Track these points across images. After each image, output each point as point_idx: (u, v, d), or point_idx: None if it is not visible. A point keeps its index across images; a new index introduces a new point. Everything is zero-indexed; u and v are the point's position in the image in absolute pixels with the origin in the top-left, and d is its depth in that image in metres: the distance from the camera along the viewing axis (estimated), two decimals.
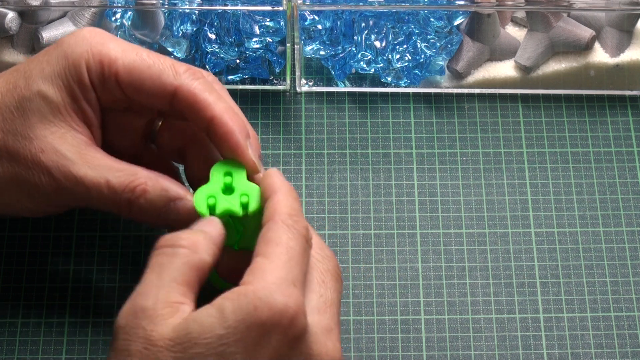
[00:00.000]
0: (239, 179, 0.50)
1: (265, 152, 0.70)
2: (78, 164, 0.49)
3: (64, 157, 0.48)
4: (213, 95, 0.50)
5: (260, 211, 0.50)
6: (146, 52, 0.50)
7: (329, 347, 0.46)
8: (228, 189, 0.50)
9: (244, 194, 0.50)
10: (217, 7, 0.67)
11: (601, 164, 0.70)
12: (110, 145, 0.54)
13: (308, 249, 0.48)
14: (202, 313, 0.44)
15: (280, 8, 0.66)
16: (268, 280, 0.44)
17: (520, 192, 0.69)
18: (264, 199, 0.50)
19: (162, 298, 0.45)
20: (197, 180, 0.54)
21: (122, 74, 0.49)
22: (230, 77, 0.71)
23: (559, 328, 0.64)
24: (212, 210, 0.49)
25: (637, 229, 0.68)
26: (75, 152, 0.49)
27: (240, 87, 0.72)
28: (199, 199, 0.49)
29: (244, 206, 0.50)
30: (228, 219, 0.51)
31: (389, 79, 0.71)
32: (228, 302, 0.44)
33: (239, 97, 0.72)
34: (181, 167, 0.62)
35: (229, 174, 0.50)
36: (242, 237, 0.52)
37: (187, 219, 0.49)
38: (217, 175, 0.50)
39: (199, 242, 0.47)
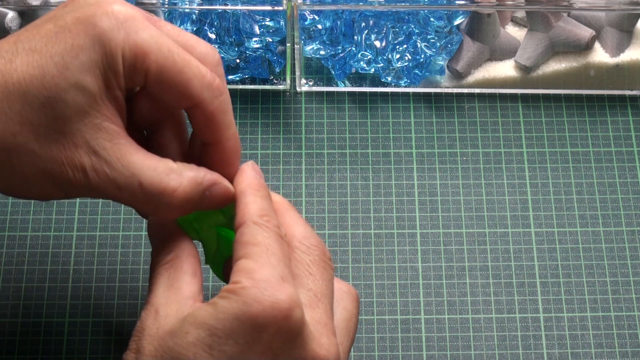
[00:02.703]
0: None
1: (265, 152, 0.70)
2: (110, 163, 0.46)
3: (98, 154, 0.46)
4: (227, 118, 0.49)
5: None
6: (177, 49, 0.47)
7: (323, 343, 0.45)
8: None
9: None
10: (217, 7, 0.67)
11: (601, 163, 0.70)
12: None
13: (285, 245, 0.47)
14: (197, 309, 0.44)
15: (280, 8, 0.66)
16: (257, 278, 0.44)
17: (520, 191, 0.69)
18: (235, 200, 0.49)
19: (156, 302, 0.46)
20: (164, 150, 0.52)
21: (153, 72, 0.47)
22: (230, 77, 0.71)
23: (559, 328, 0.64)
24: (198, 230, 0.51)
25: (637, 229, 0.68)
26: (108, 148, 0.46)
27: (240, 87, 0.72)
28: (184, 222, 0.50)
29: (225, 211, 0.50)
30: (222, 232, 0.51)
31: (389, 78, 0.71)
32: (222, 300, 0.44)
33: (239, 97, 0.72)
34: None
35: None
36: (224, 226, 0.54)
37: (223, 202, 0.49)
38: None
39: (192, 251, 0.48)
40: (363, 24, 0.69)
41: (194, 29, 0.69)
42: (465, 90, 0.72)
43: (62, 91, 0.45)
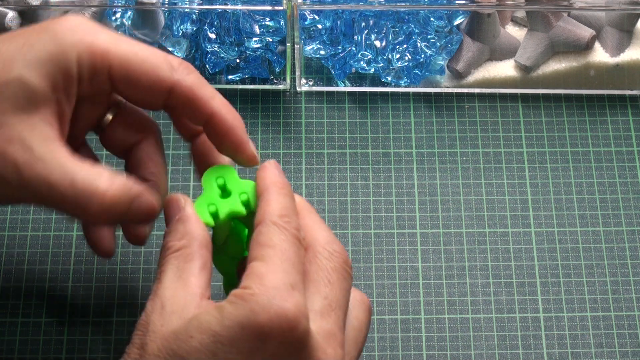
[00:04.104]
0: (232, 180, 0.49)
1: (265, 152, 0.70)
2: (44, 160, 0.45)
3: (31, 150, 0.45)
4: (209, 90, 0.48)
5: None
6: (138, 44, 0.47)
7: (329, 354, 0.44)
8: (224, 193, 0.49)
9: (242, 192, 0.49)
10: (217, 7, 0.67)
11: (601, 163, 0.70)
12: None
13: (302, 249, 0.46)
14: (203, 312, 0.43)
15: (281, 8, 0.66)
16: (267, 284, 0.43)
17: (520, 191, 0.69)
18: (257, 196, 0.48)
19: (166, 295, 0.45)
20: (140, 178, 0.52)
21: (116, 68, 0.46)
22: (230, 77, 0.71)
23: (559, 327, 0.64)
24: (215, 217, 0.48)
25: (637, 229, 0.68)
26: (43, 147, 0.45)
27: (240, 86, 0.72)
28: (200, 209, 0.48)
29: (246, 204, 0.49)
30: (233, 225, 0.50)
31: (389, 78, 0.71)
32: (229, 304, 0.43)
33: (239, 97, 0.72)
34: None
35: (220, 177, 0.49)
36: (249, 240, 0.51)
37: (148, 215, 0.48)
38: (209, 183, 0.49)
39: (192, 238, 0.47)
40: (363, 24, 0.69)
41: (194, 29, 0.69)
42: (465, 90, 0.72)
43: (4, 84, 0.45)
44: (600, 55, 0.71)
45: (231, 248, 0.50)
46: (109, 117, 0.52)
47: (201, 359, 0.42)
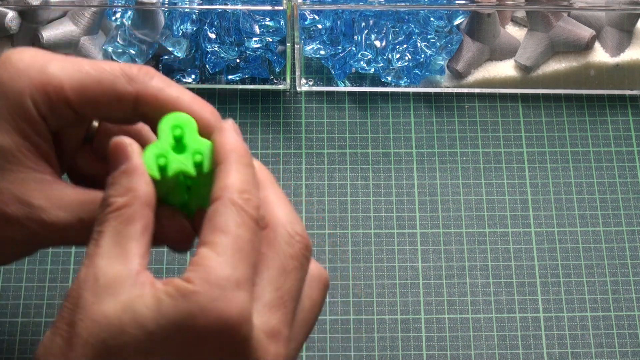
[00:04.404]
0: (191, 134, 0.45)
1: (265, 152, 0.70)
2: (48, 209, 0.44)
3: (31, 205, 0.44)
4: (174, 90, 0.46)
5: (211, 174, 0.45)
6: (88, 63, 0.45)
7: (270, 353, 0.42)
8: (179, 146, 0.45)
9: (197, 152, 0.44)
10: (217, 7, 0.67)
11: (601, 163, 0.70)
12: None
13: (258, 234, 0.43)
14: (140, 301, 0.40)
15: (281, 7, 0.66)
16: (211, 281, 0.40)
17: (520, 191, 0.69)
18: (214, 162, 0.44)
19: (102, 265, 0.41)
20: None
21: (73, 97, 0.44)
22: (230, 77, 0.71)
23: (559, 327, 0.64)
24: (163, 171, 0.44)
25: (637, 229, 0.68)
26: (41, 196, 0.44)
27: (240, 86, 0.72)
28: (149, 159, 0.44)
29: (198, 166, 0.44)
30: (179, 178, 0.46)
31: (389, 78, 0.71)
32: (168, 299, 0.40)
33: (239, 97, 0.72)
34: None
35: (178, 128, 0.45)
36: (193, 197, 0.47)
37: (179, 235, 0.46)
38: (166, 131, 0.44)
39: (135, 196, 0.42)
40: (363, 24, 0.69)
41: (194, 29, 0.69)
42: (465, 90, 0.72)
43: None
44: (600, 55, 0.71)
45: (171, 201, 0.46)
46: (95, 124, 0.50)
47: (132, 357, 0.40)
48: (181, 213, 0.46)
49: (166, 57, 0.70)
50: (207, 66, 0.70)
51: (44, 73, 0.44)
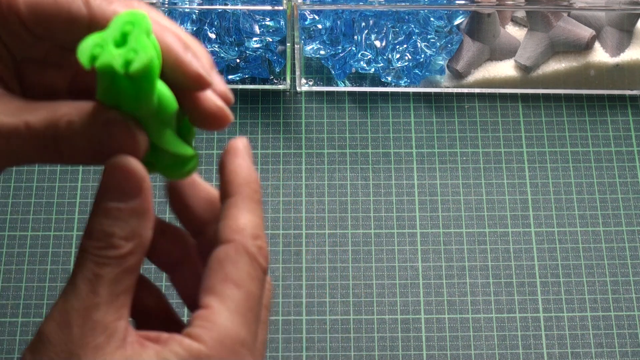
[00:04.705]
0: (139, 34, 0.40)
1: (265, 152, 0.70)
2: None
3: None
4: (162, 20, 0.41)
5: (146, 75, 0.39)
6: None
7: None
8: (123, 42, 0.40)
9: (133, 49, 0.40)
10: (217, 7, 0.67)
11: (601, 163, 0.70)
12: None
13: (265, 284, 0.39)
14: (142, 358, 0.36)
15: (281, 8, 0.66)
16: (225, 344, 0.36)
17: (520, 191, 0.69)
18: (224, 195, 0.40)
19: (99, 321, 0.36)
20: None
21: (25, 13, 0.41)
22: (230, 77, 0.71)
23: (559, 327, 0.64)
24: (92, 61, 0.40)
25: (637, 229, 0.68)
26: None
27: (240, 86, 0.72)
28: (85, 45, 0.39)
29: (127, 63, 0.39)
30: (115, 80, 0.41)
31: (389, 78, 0.71)
32: (172, 355, 0.36)
33: (239, 96, 0.72)
34: None
35: (129, 24, 0.40)
36: (120, 98, 0.41)
37: (129, 143, 0.39)
38: (116, 25, 0.40)
39: (141, 244, 0.37)
40: (363, 24, 0.69)
41: (194, 29, 0.69)
42: (465, 90, 0.72)
43: None
44: (600, 55, 0.71)
45: (124, 109, 0.40)
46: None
47: None
48: (140, 126, 0.40)
49: None
50: None
51: None
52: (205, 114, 0.39)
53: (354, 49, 0.70)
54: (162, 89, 0.40)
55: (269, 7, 0.66)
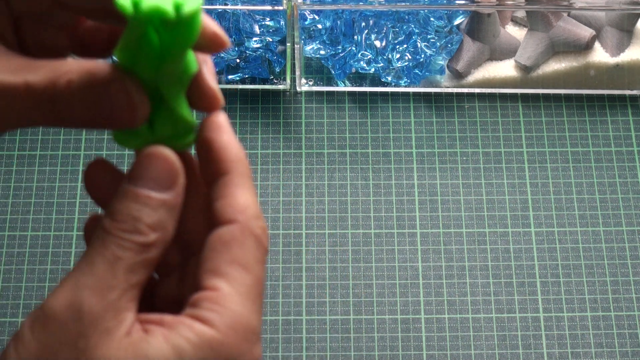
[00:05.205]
0: None
1: (265, 152, 0.70)
2: None
3: None
4: None
5: (192, 24, 0.37)
6: None
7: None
8: None
9: None
10: (217, 7, 0.67)
11: (601, 163, 0.70)
12: None
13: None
14: (154, 347, 0.34)
15: (281, 8, 0.66)
16: (239, 330, 0.35)
17: (520, 191, 0.69)
18: (217, 167, 0.38)
19: (112, 303, 0.34)
20: None
21: None
22: (230, 77, 0.71)
23: (559, 327, 0.64)
24: (136, 6, 0.36)
25: (637, 229, 0.68)
26: None
27: (240, 86, 0.72)
28: None
29: (177, 7, 0.36)
30: (149, 32, 0.37)
31: (389, 78, 0.71)
32: (188, 346, 0.34)
33: (239, 96, 0.72)
34: None
35: None
36: (143, 55, 0.38)
37: (129, 108, 0.36)
38: None
39: (164, 238, 0.36)
40: (363, 24, 0.69)
41: None
42: (465, 90, 0.72)
43: None
44: (600, 55, 0.71)
45: (141, 69, 0.38)
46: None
47: None
48: (143, 90, 0.38)
49: None
50: None
51: None
52: (205, 90, 0.38)
53: (354, 49, 0.70)
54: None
55: (269, 7, 0.66)
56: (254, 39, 0.69)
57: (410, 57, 0.70)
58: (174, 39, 0.37)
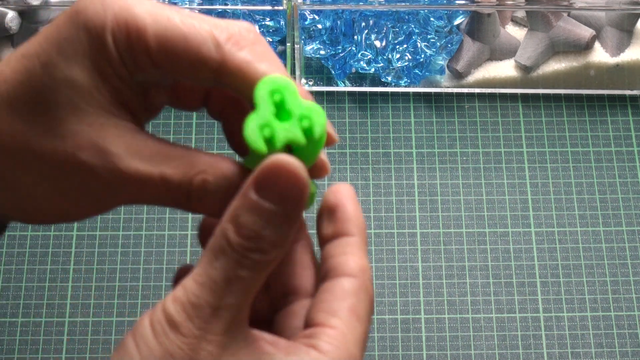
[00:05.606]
0: (292, 98, 0.39)
1: None
2: (126, 157, 0.39)
3: (108, 152, 0.39)
4: (265, 64, 0.40)
5: (320, 139, 0.40)
6: (180, 14, 0.40)
7: None
8: (281, 113, 0.39)
9: (303, 117, 0.39)
10: (217, 7, 0.67)
11: (601, 163, 0.70)
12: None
13: None
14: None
15: (281, 8, 0.66)
16: None
17: (520, 191, 0.69)
18: (339, 227, 0.41)
19: (228, 319, 0.36)
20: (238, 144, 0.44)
21: (154, 46, 0.39)
22: None
23: (559, 327, 0.64)
24: (270, 144, 0.38)
25: (637, 229, 0.68)
26: (120, 143, 0.39)
27: None
28: (252, 131, 0.38)
29: (307, 132, 0.39)
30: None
31: (389, 78, 0.71)
32: None
33: None
34: None
35: (277, 93, 0.39)
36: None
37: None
38: (265, 98, 0.39)
39: (281, 254, 0.37)
40: (363, 24, 0.69)
41: None
42: (465, 90, 0.72)
43: (51, 90, 0.40)
44: (600, 55, 0.71)
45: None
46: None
47: None
48: None
49: None
50: None
51: (129, 10, 0.40)
52: (318, 162, 0.41)
53: (354, 49, 0.70)
54: None
55: (269, 7, 0.66)
56: None
57: (410, 57, 0.70)
58: (309, 149, 0.40)
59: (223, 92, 0.44)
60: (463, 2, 0.68)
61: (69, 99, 0.40)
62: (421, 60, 0.71)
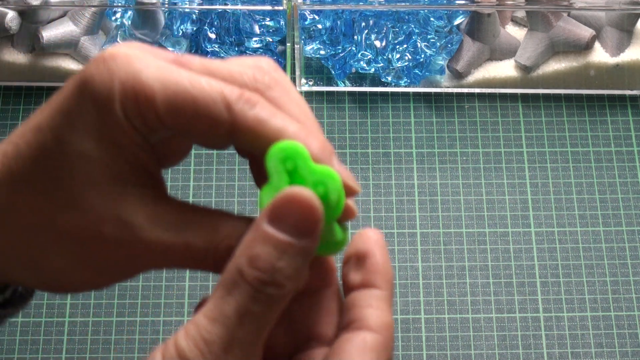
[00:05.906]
0: (304, 164, 0.39)
1: None
2: (148, 228, 0.39)
3: (130, 224, 0.39)
4: (278, 120, 0.39)
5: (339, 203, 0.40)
6: (188, 78, 0.39)
7: None
8: (294, 180, 0.39)
9: (317, 183, 0.39)
10: (217, 7, 0.67)
11: (601, 163, 0.70)
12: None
13: None
14: None
15: (281, 8, 0.66)
16: None
17: (520, 191, 0.69)
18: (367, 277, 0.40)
19: (239, 356, 0.36)
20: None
21: (163, 112, 0.39)
22: None
23: (559, 327, 0.64)
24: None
25: (637, 229, 0.68)
26: (141, 213, 0.39)
27: None
28: (267, 202, 0.38)
29: (323, 198, 0.38)
30: None
31: (389, 78, 0.71)
32: None
33: None
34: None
35: (289, 160, 0.39)
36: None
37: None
38: (277, 167, 0.39)
39: (298, 283, 0.37)
40: (363, 24, 0.69)
41: (194, 29, 0.69)
42: (465, 90, 0.72)
43: (67, 167, 0.39)
44: (600, 55, 0.71)
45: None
46: None
47: None
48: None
49: None
50: None
51: (136, 78, 0.39)
52: (346, 210, 0.40)
53: (354, 49, 0.70)
54: None
55: (269, 7, 0.66)
56: (254, 39, 0.69)
57: (410, 57, 0.70)
58: (328, 212, 0.39)
59: None
60: (463, 2, 0.68)
61: (85, 173, 0.39)
62: (421, 60, 0.71)
